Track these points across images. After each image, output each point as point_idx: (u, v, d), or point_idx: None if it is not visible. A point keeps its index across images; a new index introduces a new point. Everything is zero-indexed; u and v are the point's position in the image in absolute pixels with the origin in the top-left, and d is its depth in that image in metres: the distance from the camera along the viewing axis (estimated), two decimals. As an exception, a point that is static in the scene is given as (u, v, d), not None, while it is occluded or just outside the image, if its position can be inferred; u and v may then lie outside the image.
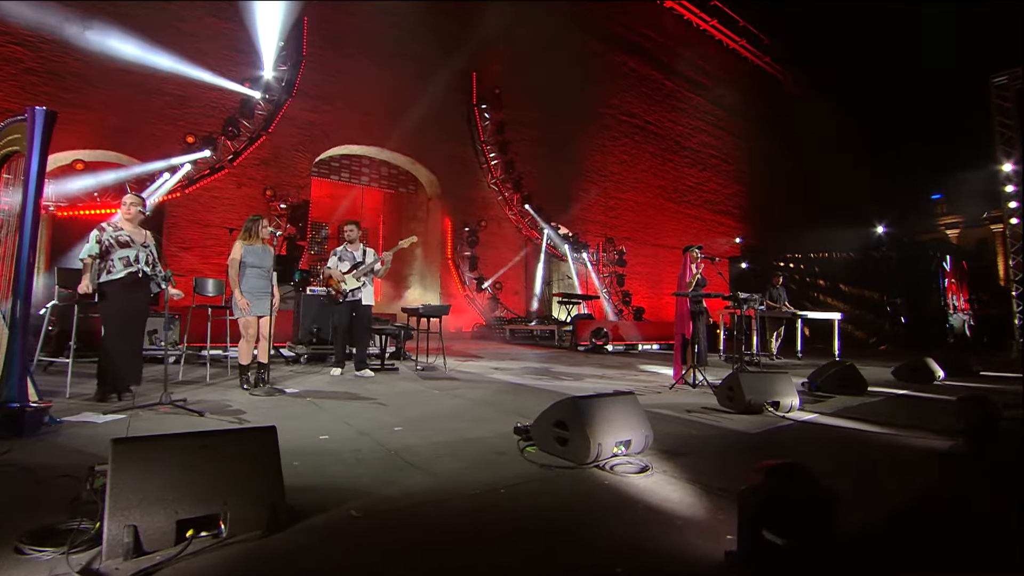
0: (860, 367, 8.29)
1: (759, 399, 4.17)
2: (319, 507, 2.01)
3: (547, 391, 5.05)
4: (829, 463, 2.93)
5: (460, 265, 14.05)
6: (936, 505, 2.26)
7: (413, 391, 4.86)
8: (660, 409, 4.22)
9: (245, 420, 3.43)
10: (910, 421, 3.98)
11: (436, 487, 2.28)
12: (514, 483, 2.34)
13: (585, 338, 10.18)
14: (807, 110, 23.75)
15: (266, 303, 4.59)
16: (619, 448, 2.75)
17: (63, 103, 9.74)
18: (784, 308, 9.25)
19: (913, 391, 5.78)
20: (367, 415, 3.73)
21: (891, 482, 2.62)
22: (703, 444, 3.20)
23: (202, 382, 4.90)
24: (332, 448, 2.86)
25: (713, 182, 20.97)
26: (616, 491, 2.28)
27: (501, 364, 7.38)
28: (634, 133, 18.55)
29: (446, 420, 3.64)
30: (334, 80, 12.65)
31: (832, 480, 2.59)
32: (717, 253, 19.59)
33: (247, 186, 11.59)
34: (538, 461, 2.66)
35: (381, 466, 2.56)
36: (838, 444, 3.36)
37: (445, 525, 1.91)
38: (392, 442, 2.99)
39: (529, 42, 15.21)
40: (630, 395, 2.94)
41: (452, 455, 2.77)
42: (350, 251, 5.83)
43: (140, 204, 3.99)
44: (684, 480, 2.44)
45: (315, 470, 2.48)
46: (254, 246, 4.72)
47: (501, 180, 14.71)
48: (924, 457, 3.05)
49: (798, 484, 1.53)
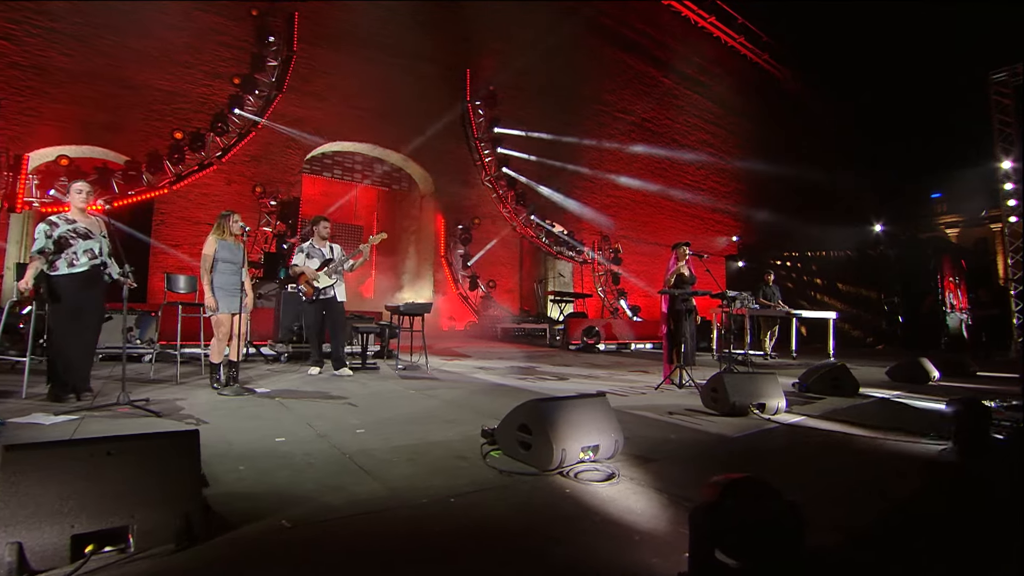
0: (855, 367, 8.18)
1: (744, 401, 4.03)
2: (252, 516, 1.87)
3: (527, 392, 4.90)
4: (809, 470, 2.80)
5: (453, 263, 13.90)
6: (918, 520, 2.12)
7: (388, 391, 4.72)
8: (641, 411, 4.08)
9: (203, 421, 3.29)
10: (900, 424, 3.84)
11: (383, 495, 2.14)
12: (468, 491, 2.19)
13: (576, 337, 10.04)
14: (805, 108, 23.56)
15: (238, 300, 4.45)
16: (586, 453, 2.61)
17: (49, 98, 9.63)
18: (777, 307, 9.10)
19: (906, 392, 5.63)
20: (332, 416, 3.59)
21: (874, 491, 2.47)
22: (679, 449, 3.06)
23: (172, 381, 4.76)
24: (285, 451, 2.72)
25: (711, 180, 20.80)
26: (576, 501, 2.14)
27: (487, 363, 7.23)
28: (631, 130, 18.37)
29: (414, 422, 3.49)
30: (326, 76, 12.51)
31: (810, 489, 2.45)
32: (714, 251, 19.54)
33: (237, 183, 11.45)
34: (499, 467, 2.51)
35: (331, 471, 2.42)
36: (822, 449, 3.21)
37: (380, 537, 1.77)
38: (350, 445, 2.85)
39: (524, 38, 15.04)
40: (600, 397, 2.80)
41: (410, 460, 2.63)
42: (318, 247, 5.69)
43: (86, 190, 3.83)
44: (651, 489, 2.30)
45: (260, 475, 2.34)
46: (226, 241, 4.59)
47: (495, 177, 14.55)
48: (911, 464, 2.90)
49: (757, 500, 1.38)
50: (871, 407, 4.67)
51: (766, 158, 21.31)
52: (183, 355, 6.14)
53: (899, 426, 3.78)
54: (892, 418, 4.10)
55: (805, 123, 23.24)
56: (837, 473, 2.74)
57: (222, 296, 4.41)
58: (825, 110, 23.95)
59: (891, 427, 3.75)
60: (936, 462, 2.94)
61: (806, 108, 23.48)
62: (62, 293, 3.50)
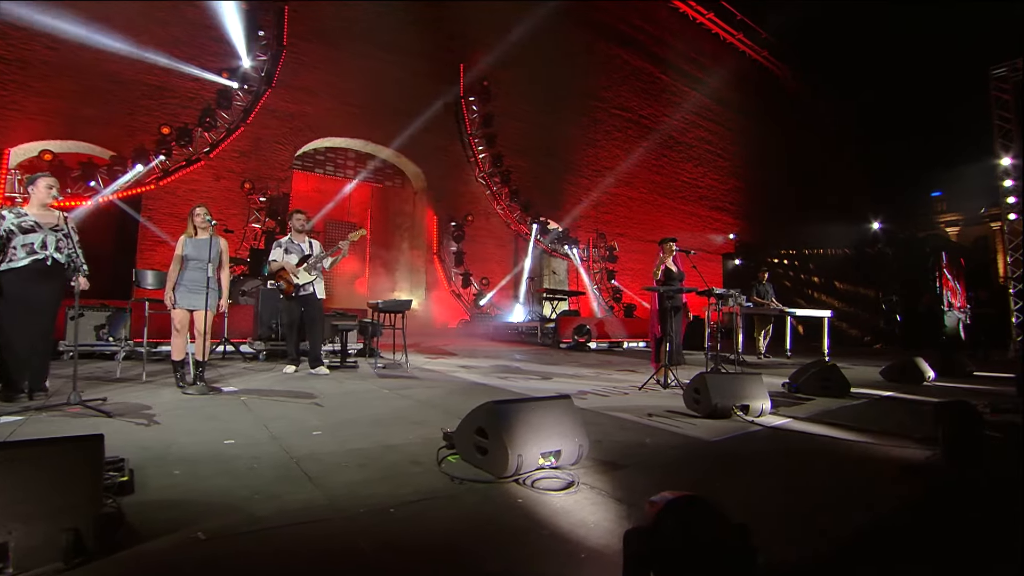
0: (850, 366, 8.04)
1: (727, 402, 3.87)
2: (168, 527, 1.73)
3: (506, 392, 4.76)
4: (785, 477, 2.64)
5: (446, 260, 13.75)
6: (892, 535, 1.96)
7: (362, 391, 4.57)
8: (619, 412, 3.93)
9: (155, 422, 3.15)
10: (889, 427, 3.68)
11: (319, 504, 1.99)
12: (412, 500, 2.05)
13: (567, 335, 9.89)
14: (804, 105, 23.37)
15: (203, 297, 4.30)
16: (547, 459, 2.46)
17: (32, 92, 9.49)
18: (771, 305, 8.94)
19: (900, 393, 5.47)
20: (294, 417, 3.44)
21: (849, 502, 2.32)
22: (652, 454, 2.90)
23: (138, 380, 4.62)
24: (231, 455, 2.57)
25: (709, 177, 20.62)
26: (527, 512, 1.98)
27: (472, 362, 7.09)
28: (627, 127, 18.21)
29: (378, 424, 3.35)
30: (317, 71, 12.35)
31: (781, 499, 2.28)
32: (711, 249, 19.36)
33: (226, 179, 11.31)
34: (453, 473, 2.37)
35: (272, 477, 2.28)
36: (803, 454, 3.05)
37: (296, 554, 1.61)
38: (301, 448, 2.71)
39: (518, 33, 14.85)
40: (564, 399, 2.64)
41: (360, 464, 2.49)
42: (296, 243, 5.55)
43: (56, 187, 3.69)
44: (612, 499, 2.15)
45: (194, 481, 2.20)
46: (194, 238, 4.45)
47: (489, 174, 14.39)
48: (895, 471, 2.75)
49: (700, 521, 1.23)
50: (861, 409, 4.51)
51: (765, 156, 21.13)
52: (160, 354, 6.04)
53: (887, 429, 3.63)
54: (881, 421, 3.95)
55: (804, 121, 23.05)
56: (814, 481, 2.58)
57: (182, 292, 4.28)
58: (824, 108, 23.75)
59: (879, 430, 3.59)
60: (921, 469, 2.79)
61: (805, 105, 23.29)
62: (5, 288, 3.36)
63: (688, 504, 1.23)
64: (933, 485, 2.64)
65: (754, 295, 9.23)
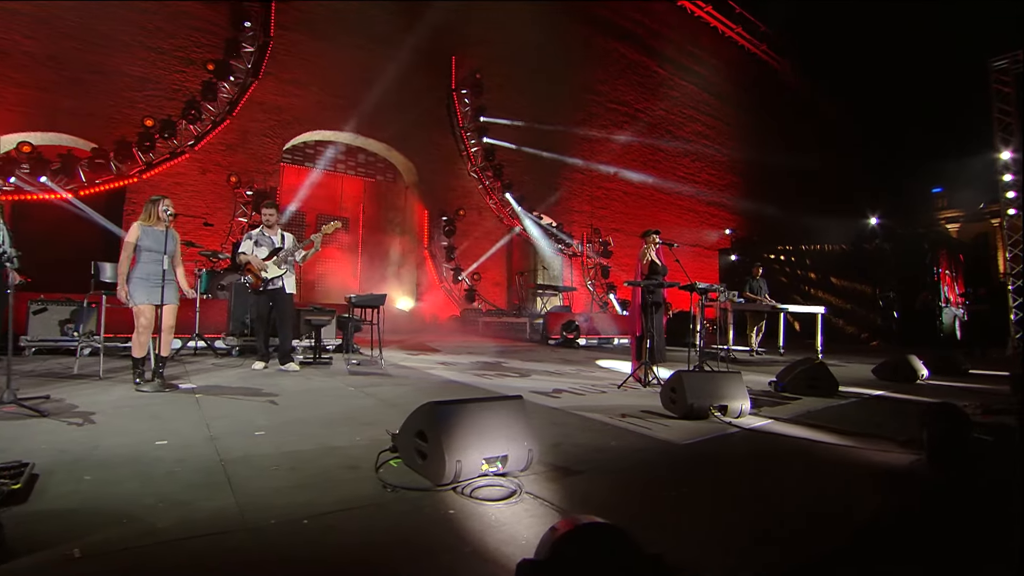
0: (844, 364, 7.85)
1: (703, 402, 3.68)
2: (48, 542, 1.56)
3: (478, 390, 4.58)
4: (750, 486, 2.45)
5: (436, 255, 13.57)
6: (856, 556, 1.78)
7: (326, 388, 4.40)
8: (590, 413, 3.74)
9: (90, 421, 2.98)
10: (874, 429, 3.50)
11: (229, 514, 1.81)
12: (332, 510, 1.87)
13: (556, 331, 9.70)
14: (804, 99, 23.07)
15: (168, 291, 4.12)
16: (493, 465, 2.28)
17: (11, 82, 9.30)
18: (764, 301, 8.74)
19: (890, 392, 5.27)
20: (242, 416, 3.27)
21: (819, 516, 2.14)
22: (614, 459, 2.71)
23: (95, 377, 4.45)
24: (156, 457, 2.40)
25: (706, 172, 20.38)
26: (456, 526, 1.80)
27: (453, 358, 6.90)
28: (623, 121, 17.96)
29: (328, 423, 3.17)
30: (306, 63, 12.14)
31: (741, 512, 2.06)
32: (707, 244, 19.14)
33: (212, 172, 11.12)
34: (389, 480, 2.19)
35: (190, 482, 2.10)
36: (777, 458, 2.87)
37: (181, 572, 1.43)
38: (235, 450, 2.53)
39: (512, 26, 14.63)
40: (515, 400, 2.46)
41: (292, 468, 2.31)
42: (267, 235, 5.38)
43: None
44: (556, 510, 1.97)
45: (101, 487, 2.02)
46: (152, 228, 4.27)
47: (481, 168, 14.18)
48: (873, 478, 2.56)
49: (605, 553, 1.04)
50: (847, 409, 4.32)
51: (763, 150, 20.87)
52: (124, 349, 5.86)
53: (871, 432, 3.44)
54: (866, 422, 3.76)
55: (803, 115, 22.77)
56: (782, 490, 2.39)
57: (143, 286, 4.10)
58: (823, 102, 23.45)
59: (864, 432, 3.41)
60: (903, 475, 2.60)
61: (804, 100, 23.00)
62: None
63: (594, 533, 1.05)
64: (914, 492, 2.46)
65: (747, 291, 9.03)
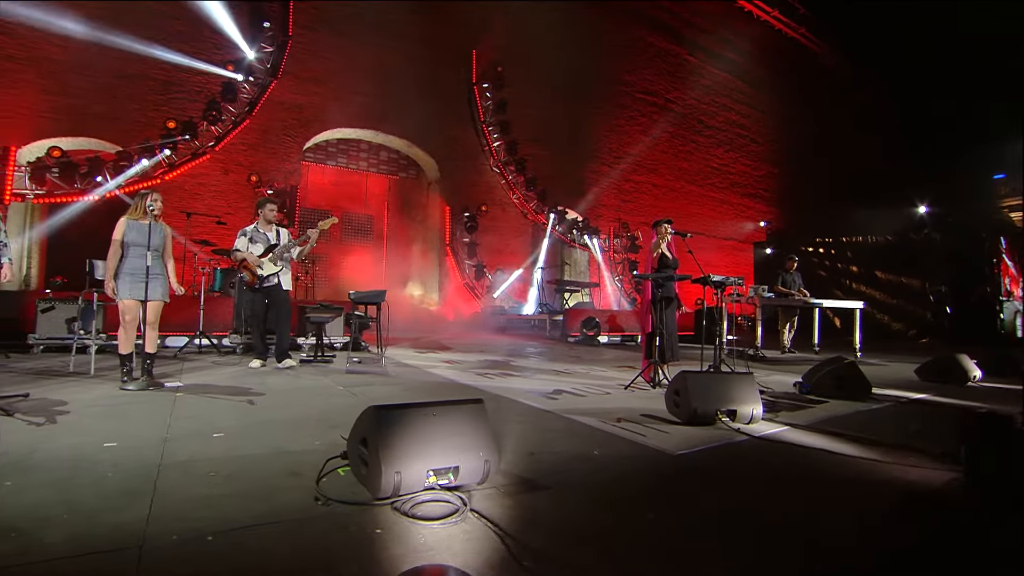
0: (885, 363, 7.23)
1: (709, 406, 3.33)
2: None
3: (473, 390, 4.33)
4: (740, 506, 2.09)
5: (458, 252, 13.40)
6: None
7: (313, 387, 4.25)
8: (584, 417, 3.44)
9: (52, 421, 2.88)
10: (907, 440, 3.07)
11: (131, 527, 1.63)
12: (248, 525, 1.67)
13: (576, 329, 9.36)
14: (844, 83, 21.78)
15: (152, 286, 4.05)
16: (444, 477, 2.03)
17: (42, 89, 9.61)
18: (798, 296, 8.16)
19: (934, 395, 4.74)
20: (210, 416, 3.14)
21: (826, 549, 1.79)
22: (592, 470, 2.41)
23: (87, 374, 4.44)
24: (96, 460, 2.27)
25: (740, 163, 19.51)
26: (375, 552, 1.56)
27: (460, 356, 6.69)
28: (652, 112, 17.37)
29: (295, 425, 2.98)
30: (325, 61, 12.16)
31: (724, 540, 1.63)
32: (741, 238, 18.31)
33: (234, 172, 11.26)
34: (327, 492, 1.97)
35: (112, 490, 1.96)
36: (782, 473, 2.51)
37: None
38: (183, 453, 2.39)
39: (534, 16, 14.28)
40: (473, 404, 2.19)
41: (230, 475, 2.13)
42: (263, 232, 5.29)
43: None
44: (500, 535, 1.69)
45: (15, 495, 1.90)
46: (138, 222, 4.21)
47: (503, 163, 13.93)
48: (898, 501, 2.17)
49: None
50: (878, 415, 3.87)
51: (801, 138, 19.83)
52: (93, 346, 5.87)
53: (904, 442, 3.02)
54: (900, 431, 3.32)
55: (844, 100, 21.49)
56: (781, 514, 2.04)
57: (128, 281, 4.05)
58: (866, 85, 22.07)
59: (893, 443, 2.99)
60: (933, 499, 2.20)
61: (845, 83, 21.71)
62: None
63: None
64: (945, 520, 2.06)
65: (778, 285, 8.47)
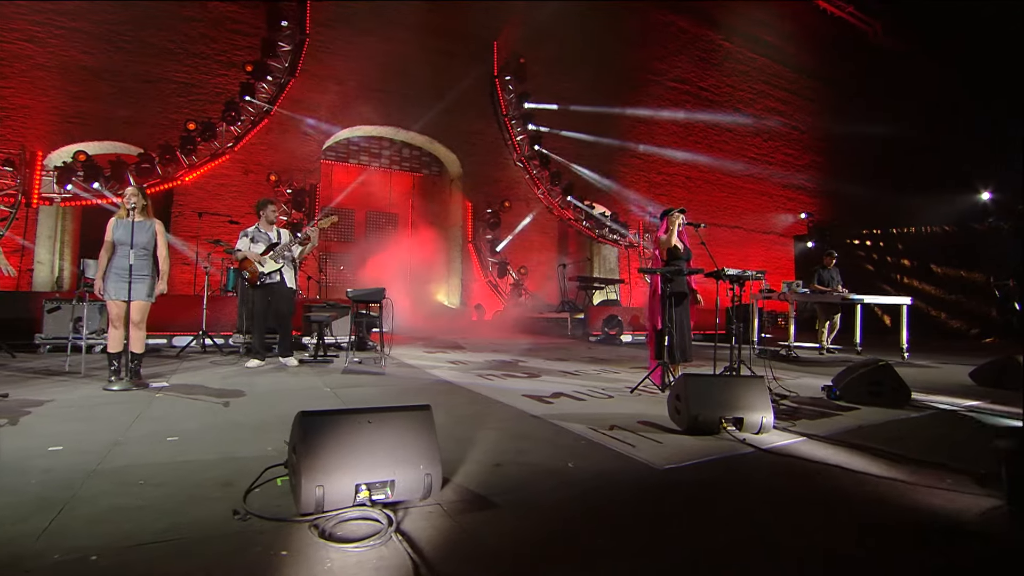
0: (936, 365, 6.57)
1: (712, 414, 2.97)
2: None
3: (469, 391, 4.09)
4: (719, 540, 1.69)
5: (481, 249, 13.19)
6: None
7: (300, 388, 4.11)
8: (573, 423, 3.13)
9: (20, 421, 2.81)
10: (945, 457, 2.61)
11: (18, 544, 1.49)
12: (151, 542, 1.52)
13: (597, 327, 8.99)
14: (899, 64, 20.35)
15: (135, 287, 3.99)
16: (381, 493, 1.77)
17: (71, 96, 9.90)
18: (836, 292, 7.56)
19: (989, 403, 4.18)
20: (177, 418, 3.03)
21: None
22: (557, 486, 2.08)
23: (78, 374, 4.43)
24: (31, 466, 2.15)
25: (782, 152, 18.55)
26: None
27: (470, 356, 6.45)
28: (685, 101, 16.69)
29: (258, 429, 2.82)
30: (343, 59, 12.14)
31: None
32: (780, 231, 17.39)
33: (254, 172, 11.35)
34: (252, 505, 1.79)
35: (23, 500, 1.83)
36: (782, 496, 2.11)
37: None
38: (124, 458, 2.27)
39: (556, 5, 13.89)
40: (419, 411, 1.93)
41: (160, 483, 1.96)
42: (264, 231, 5.23)
43: None
44: (415, 562, 1.42)
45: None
46: (123, 220, 4.16)
47: (527, 157, 13.63)
48: (927, 533, 1.79)
49: None
50: (917, 426, 3.38)
51: (848, 125, 18.67)
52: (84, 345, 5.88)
53: (942, 460, 2.57)
54: (939, 445, 2.87)
55: (897, 82, 20.09)
56: (773, 551, 1.68)
57: (113, 281, 4.00)
58: (923, 65, 20.56)
59: (929, 460, 2.55)
60: (964, 531, 1.80)
61: (900, 65, 20.29)
62: None
63: None
64: (979, 557, 1.68)
65: (815, 282, 7.89)
